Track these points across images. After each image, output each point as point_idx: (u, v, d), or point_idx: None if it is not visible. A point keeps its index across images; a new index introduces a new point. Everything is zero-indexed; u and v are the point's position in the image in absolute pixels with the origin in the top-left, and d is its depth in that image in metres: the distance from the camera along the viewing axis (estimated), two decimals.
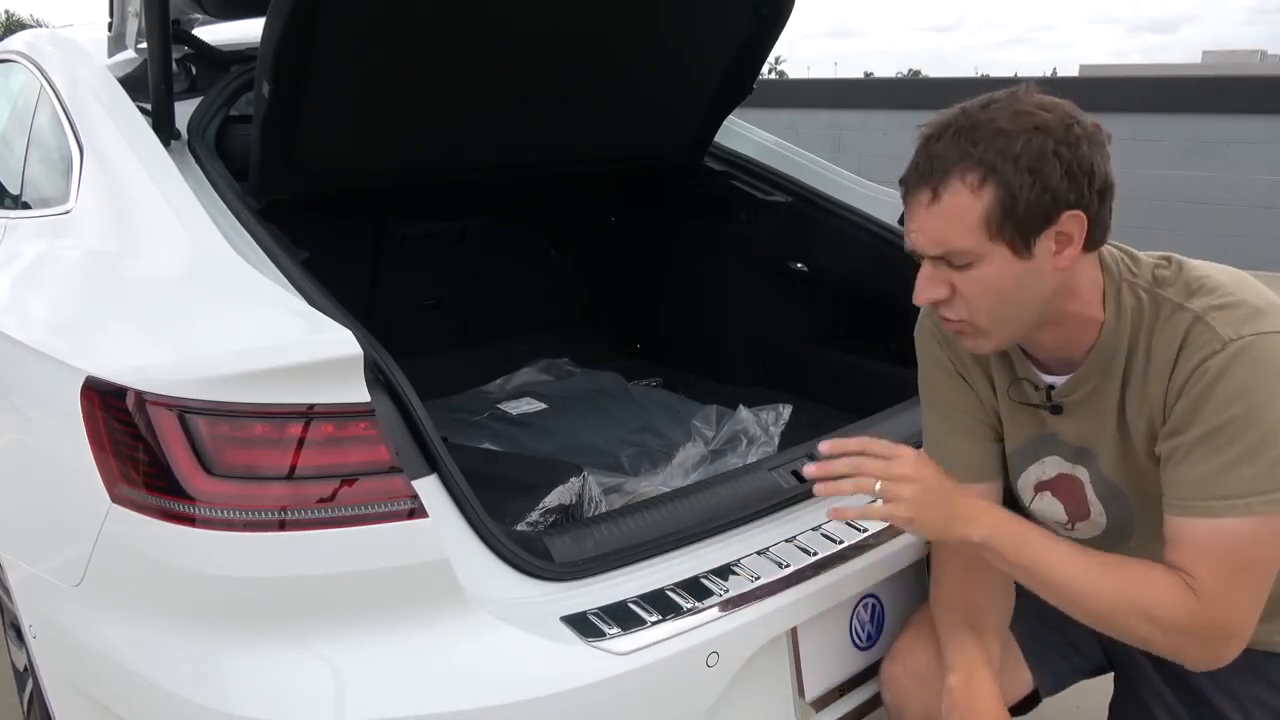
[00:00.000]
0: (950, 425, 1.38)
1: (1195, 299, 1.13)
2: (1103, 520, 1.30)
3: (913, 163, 1.13)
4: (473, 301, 2.66)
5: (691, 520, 1.41)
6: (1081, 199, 1.08)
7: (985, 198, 1.07)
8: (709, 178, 2.49)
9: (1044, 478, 1.35)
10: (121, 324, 1.35)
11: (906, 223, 1.15)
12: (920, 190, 1.11)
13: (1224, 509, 1.08)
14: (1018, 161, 1.06)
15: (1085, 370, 1.21)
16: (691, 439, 2.18)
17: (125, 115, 1.63)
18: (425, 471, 1.20)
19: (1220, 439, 1.08)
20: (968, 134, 1.09)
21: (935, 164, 1.10)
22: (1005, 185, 1.06)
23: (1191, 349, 1.10)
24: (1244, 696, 1.26)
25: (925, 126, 1.14)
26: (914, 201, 1.12)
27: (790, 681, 1.40)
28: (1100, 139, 1.10)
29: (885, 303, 2.14)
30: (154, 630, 1.16)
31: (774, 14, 2.07)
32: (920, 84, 15.66)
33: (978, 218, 1.08)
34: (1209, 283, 1.14)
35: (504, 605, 1.21)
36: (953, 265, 1.12)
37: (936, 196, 1.09)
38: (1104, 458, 1.25)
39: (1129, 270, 1.19)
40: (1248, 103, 7.67)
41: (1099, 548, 1.33)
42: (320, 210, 1.97)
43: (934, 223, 1.11)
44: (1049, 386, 1.26)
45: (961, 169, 1.08)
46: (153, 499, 1.11)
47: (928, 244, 1.12)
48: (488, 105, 1.97)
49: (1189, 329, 1.11)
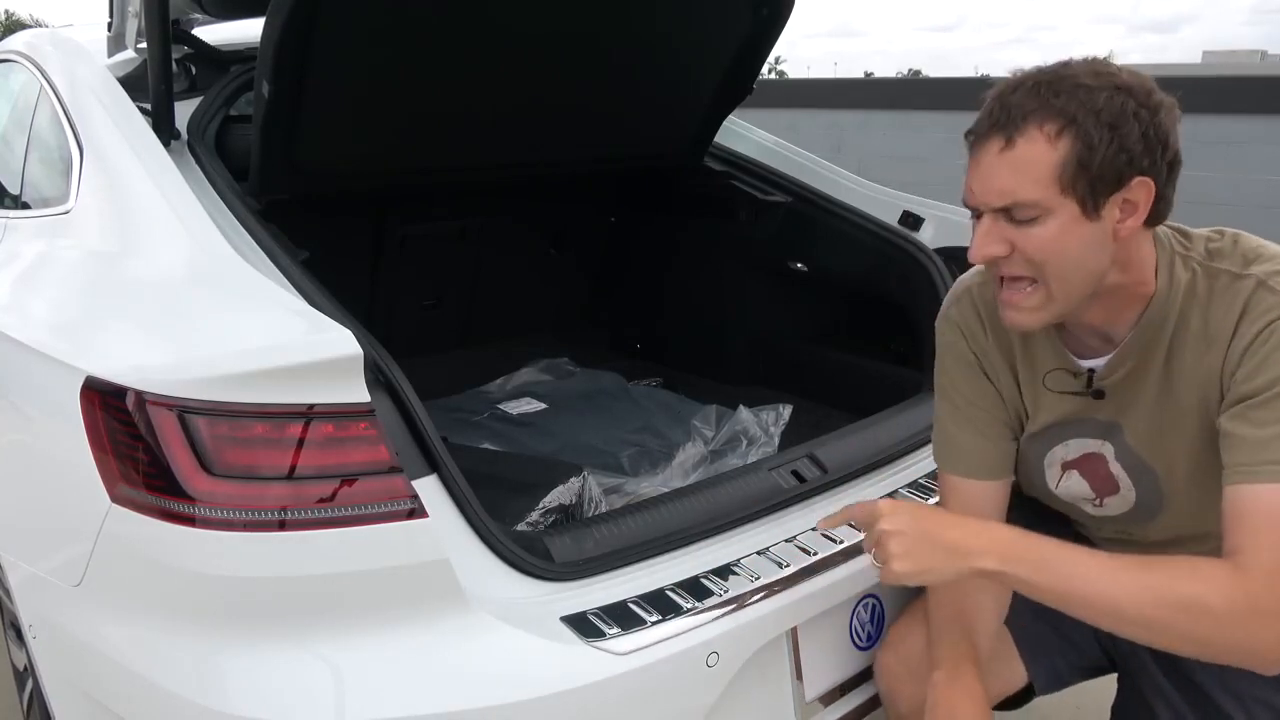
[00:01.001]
0: (964, 419, 1.35)
1: (1254, 266, 1.11)
2: (1132, 495, 1.27)
3: (985, 111, 1.10)
4: (473, 301, 2.66)
5: (691, 520, 1.41)
6: (1154, 166, 1.06)
7: (1062, 149, 1.05)
8: (709, 178, 2.49)
9: (1069, 457, 1.32)
10: (121, 324, 1.35)
11: (970, 175, 1.11)
12: (993, 137, 1.08)
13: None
14: (1099, 115, 1.04)
15: (1128, 346, 1.18)
16: (691, 439, 2.18)
17: (125, 115, 1.63)
18: (425, 471, 1.20)
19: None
20: (1049, 85, 1.06)
21: (1013, 112, 1.07)
22: (1084, 137, 1.04)
23: (1255, 313, 1.09)
24: (1247, 695, 1.25)
25: (1000, 83, 1.11)
26: (984, 149, 1.09)
27: (790, 681, 1.40)
28: (1176, 114, 1.08)
29: (885, 303, 2.15)
30: (154, 630, 1.16)
31: (774, 14, 2.07)
32: (920, 84, 15.65)
33: (1052, 168, 1.05)
34: (1266, 251, 1.13)
35: (504, 605, 1.21)
36: (1015, 220, 1.08)
37: (1011, 143, 1.06)
38: (1134, 431, 1.22)
39: (1181, 245, 1.17)
40: (1248, 103, 7.66)
41: (1128, 525, 1.32)
42: (320, 210, 1.97)
43: (1004, 171, 1.07)
44: (1089, 371, 1.23)
45: (1041, 117, 1.05)
46: (153, 499, 1.11)
47: (994, 195, 1.08)
48: (488, 105, 1.97)
49: (1251, 295, 1.10)
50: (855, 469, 1.61)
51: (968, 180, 1.12)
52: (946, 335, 1.38)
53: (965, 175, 1.13)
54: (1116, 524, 1.34)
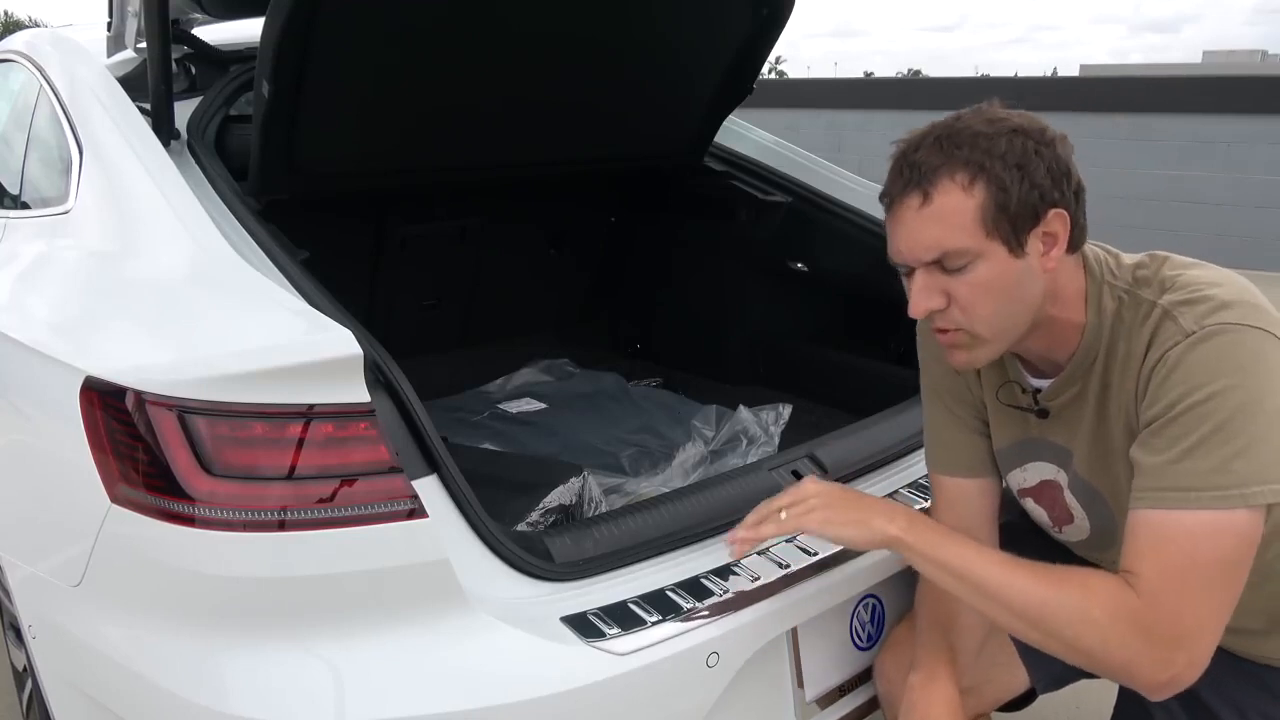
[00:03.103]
0: (952, 419, 1.38)
1: (1166, 295, 1.12)
2: (1086, 525, 1.30)
3: (894, 174, 1.12)
4: (473, 301, 2.66)
5: (691, 520, 1.41)
6: (1064, 197, 1.09)
7: (978, 195, 1.07)
8: (709, 178, 2.49)
9: (1025, 485, 1.36)
10: (121, 324, 1.35)
11: (894, 235, 1.14)
12: (909, 196, 1.10)
13: (1174, 500, 1.04)
14: (1005, 159, 1.07)
15: (1068, 374, 1.20)
16: (691, 439, 2.18)
17: (125, 115, 1.63)
18: (425, 471, 1.20)
19: (1174, 429, 1.06)
20: (949, 139, 1.09)
21: (922, 168, 1.09)
22: (996, 181, 1.06)
23: (1157, 343, 1.10)
24: (1249, 709, 1.26)
25: (898, 143, 1.13)
26: (902, 209, 1.11)
27: (790, 682, 1.40)
28: (1068, 144, 1.11)
29: (885, 303, 2.14)
30: (154, 630, 1.16)
31: (774, 14, 2.07)
32: (920, 84, 15.66)
33: (973, 214, 1.07)
34: (1181, 279, 1.13)
35: (504, 605, 1.21)
36: (947, 270, 1.11)
37: (928, 198, 1.08)
38: (1081, 461, 1.24)
39: (1111, 272, 1.18)
40: (1248, 103, 7.67)
41: (1089, 552, 1.34)
42: (320, 210, 1.97)
43: (928, 226, 1.09)
44: (1035, 390, 1.26)
45: (950, 169, 1.08)
46: (152, 499, 1.11)
47: (923, 250, 1.11)
48: (488, 105, 1.97)
49: (1158, 324, 1.11)
50: (855, 469, 1.61)
51: (893, 241, 1.14)
52: (926, 339, 1.41)
53: (887, 236, 1.15)
54: (1078, 549, 1.37)
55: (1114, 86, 9.24)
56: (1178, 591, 1.04)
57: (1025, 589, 1.11)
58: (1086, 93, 8.82)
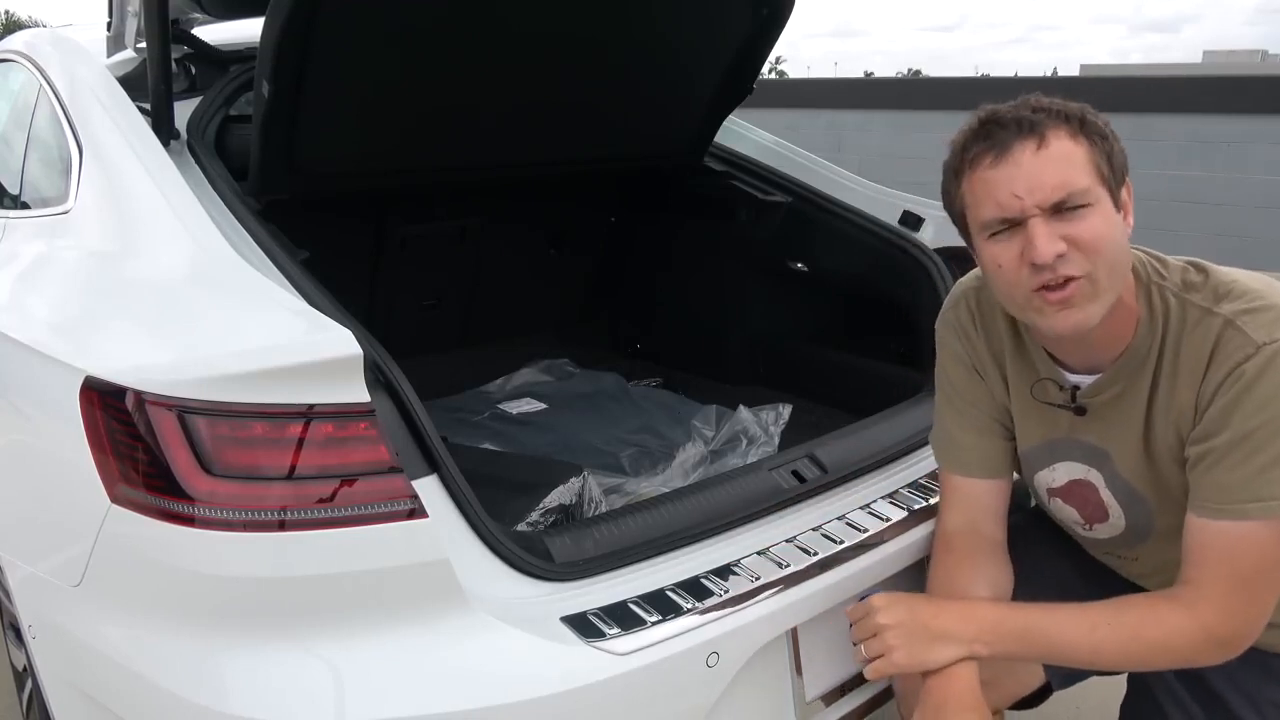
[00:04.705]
0: (965, 419, 1.39)
1: (1224, 304, 1.13)
2: (1122, 522, 1.31)
3: (986, 129, 1.12)
4: (473, 301, 2.66)
5: (691, 520, 1.41)
6: (1129, 171, 1.14)
7: (1084, 144, 1.10)
8: (709, 178, 2.49)
9: (1054, 485, 1.36)
10: (121, 324, 1.35)
11: (1005, 182, 1.10)
12: (1023, 140, 1.09)
13: (1257, 511, 1.09)
14: (1095, 123, 1.11)
15: (1114, 372, 1.21)
16: (691, 439, 2.18)
17: (125, 115, 1.63)
18: (425, 471, 1.20)
19: (1255, 442, 1.09)
20: (1029, 107, 1.12)
21: (1025, 121, 1.10)
22: (1096, 134, 1.10)
23: (1224, 354, 1.11)
24: (1260, 698, 1.27)
25: (980, 111, 1.14)
26: (1017, 153, 1.09)
27: (791, 681, 1.40)
28: None
29: (885, 303, 2.15)
30: (154, 630, 1.16)
31: (774, 14, 2.07)
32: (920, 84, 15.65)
33: (1086, 159, 1.10)
34: (1237, 288, 1.14)
35: (504, 605, 1.21)
36: (1065, 214, 1.08)
37: (1045, 142, 1.09)
38: (1123, 460, 1.25)
39: (1158, 274, 1.19)
40: (1248, 103, 7.66)
41: (1116, 548, 1.36)
42: (320, 210, 1.97)
43: (1051, 165, 1.08)
44: (1074, 387, 1.26)
45: (1054, 122, 1.10)
46: (152, 499, 1.11)
47: (1050, 189, 1.08)
48: (488, 105, 1.97)
49: (1220, 334, 1.11)
50: (855, 469, 1.61)
51: (1005, 186, 1.10)
52: (945, 338, 1.42)
53: (981, 193, 1.13)
54: (1105, 545, 1.38)
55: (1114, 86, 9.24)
56: (1246, 600, 1.12)
57: (1111, 648, 1.17)
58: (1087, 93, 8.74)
